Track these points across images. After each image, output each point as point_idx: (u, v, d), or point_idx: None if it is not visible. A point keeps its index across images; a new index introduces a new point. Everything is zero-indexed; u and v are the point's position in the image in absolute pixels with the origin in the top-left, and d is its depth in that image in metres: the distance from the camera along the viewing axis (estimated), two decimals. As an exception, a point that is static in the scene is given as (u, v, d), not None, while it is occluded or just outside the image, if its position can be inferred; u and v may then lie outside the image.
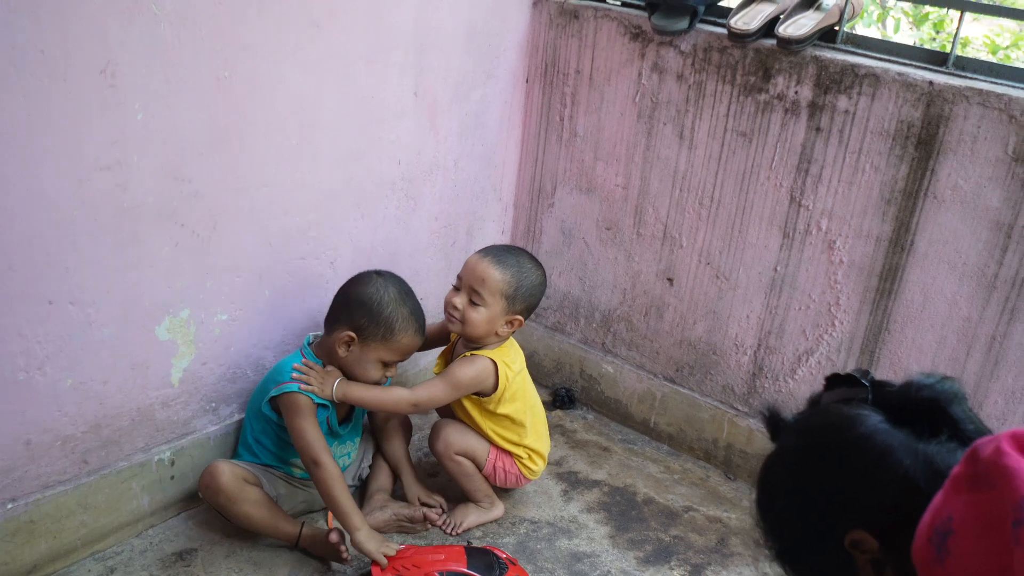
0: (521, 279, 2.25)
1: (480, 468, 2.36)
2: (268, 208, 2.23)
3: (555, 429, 2.85)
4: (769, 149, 2.41)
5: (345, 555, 2.09)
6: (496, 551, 2.14)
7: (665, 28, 2.46)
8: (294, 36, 2.13)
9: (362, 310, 2.17)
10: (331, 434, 2.24)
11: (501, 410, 2.31)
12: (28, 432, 1.93)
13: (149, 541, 2.19)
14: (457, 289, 2.28)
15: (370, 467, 2.47)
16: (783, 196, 2.42)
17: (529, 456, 2.38)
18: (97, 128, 1.84)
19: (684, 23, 2.44)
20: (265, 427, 2.23)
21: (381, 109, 2.41)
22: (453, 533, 2.32)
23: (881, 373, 2.34)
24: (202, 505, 2.29)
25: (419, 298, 2.27)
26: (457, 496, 2.41)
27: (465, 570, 2.01)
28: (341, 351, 2.18)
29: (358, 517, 2.10)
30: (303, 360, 2.19)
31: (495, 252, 2.28)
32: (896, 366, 2.32)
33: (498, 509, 2.41)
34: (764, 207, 2.46)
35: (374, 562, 2.03)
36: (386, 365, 2.22)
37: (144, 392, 2.12)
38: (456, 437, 2.32)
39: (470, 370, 2.25)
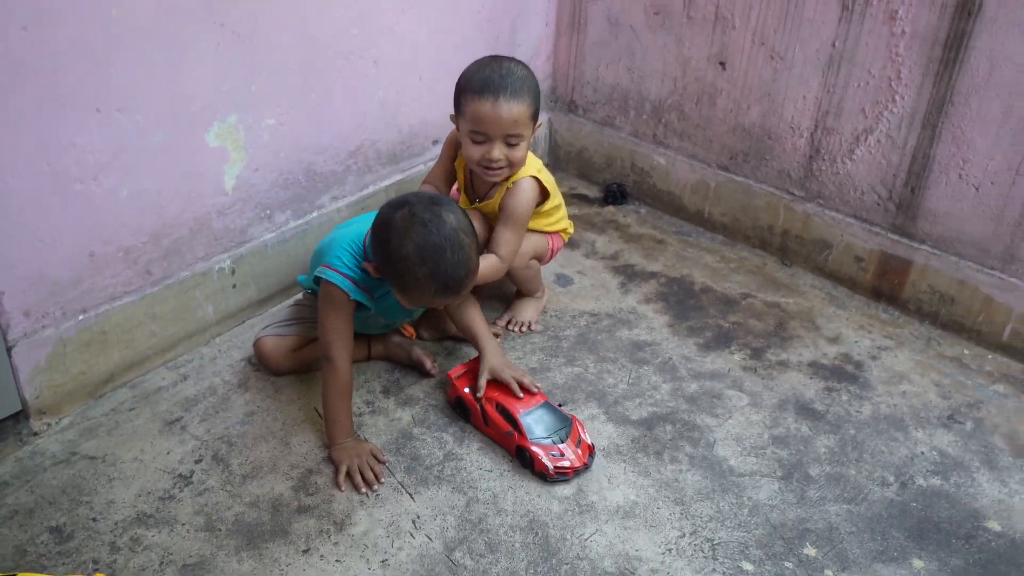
0: (533, 89, 2.07)
1: (543, 260, 2.36)
2: (308, 5, 2.15)
3: (608, 224, 2.83)
4: (827, -85, 2.27)
5: (431, 368, 2.13)
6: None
7: None
8: None
9: (378, 252, 1.87)
10: (385, 325, 2.19)
11: (551, 205, 2.28)
12: (91, 243, 1.94)
13: (218, 349, 2.23)
14: (482, 143, 2.05)
15: None
16: (842, -34, 2.29)
17: (567, 223, 2.40)
18: (126, -77, 1.76)
19: None
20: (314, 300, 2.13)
21: None
22: (525, 331, 2.34)
23: (944, 148, 2.28)
24: (265, 312, 2.33)
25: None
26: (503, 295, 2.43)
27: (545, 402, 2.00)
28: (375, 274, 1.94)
29: (342, 432, 1.92)
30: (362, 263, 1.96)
31: (501, 86, 2.01)
32: (959, 140, 2.24)
33: (546, 293, 2.45)
34: (822, -21, 2.34)
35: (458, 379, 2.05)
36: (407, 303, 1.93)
37: (200, 200, 2.12)
38: (525, 244, 2.25)
39: (524, 199, 2.15)
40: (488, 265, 2.10)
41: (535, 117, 2.09)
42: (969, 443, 2.04)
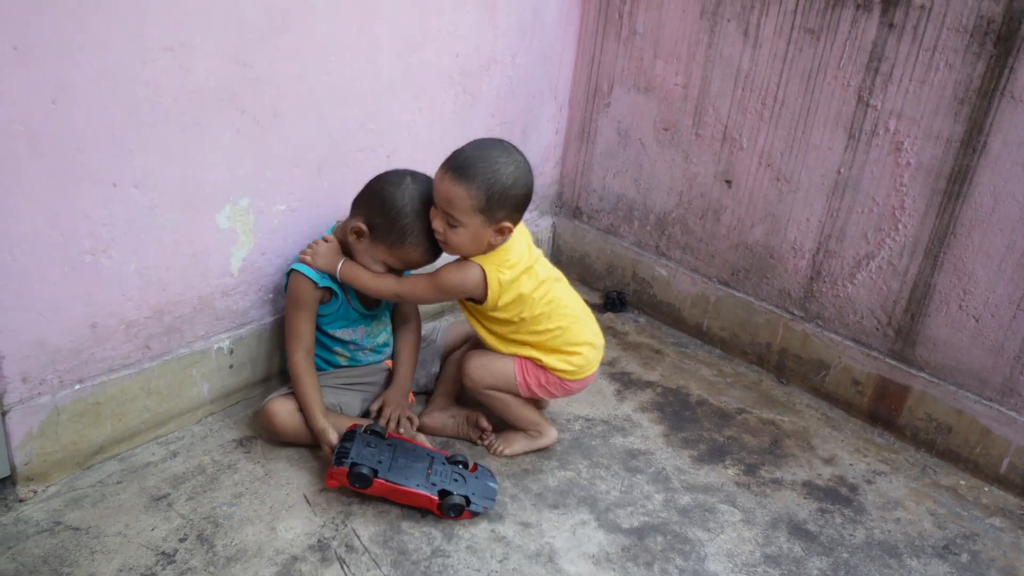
0: (491, 185, 1.95)
1: (515, 392, 2.20)
2: (328, 98, 2.20)
3: (607, 331, 2.84)
4: (838, 47, 2.34)
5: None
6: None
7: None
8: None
9: (381, 209, 2.06)
10: (362, 317, 2.23)
11: (502, 315, 2.12)
12: (94, 315, 1.94)
13: (209, 428, 2.21)
14: (437, 209, 2.04)
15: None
16: (850, 96, 2.35)
17: (559, 357, 2.16)
18: (159, 7, 1.81)
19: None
20: None
21: (440, -1, 2.37)
22: (500, 455, 2.24)
23: (945, 278, 2.31)
24: (260, 394, 2.32)
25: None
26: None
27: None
28: (350, 238, 2.10)
29: (318, 409, 2.09)
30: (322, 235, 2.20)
31: (456, 163, 1.98)
32: (960, 271, 2.28)
33: (548, 437, 2.27)
34: (830, 107, 2.40)
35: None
36: (389, 269, 2.12)
37: (205, 280, 2.13)
38: (480, 371, 2.17)
39: (456, 275, 2.07)
40: (383, 279, 2.12)
41: (485, 211, 1.97)
42: None
